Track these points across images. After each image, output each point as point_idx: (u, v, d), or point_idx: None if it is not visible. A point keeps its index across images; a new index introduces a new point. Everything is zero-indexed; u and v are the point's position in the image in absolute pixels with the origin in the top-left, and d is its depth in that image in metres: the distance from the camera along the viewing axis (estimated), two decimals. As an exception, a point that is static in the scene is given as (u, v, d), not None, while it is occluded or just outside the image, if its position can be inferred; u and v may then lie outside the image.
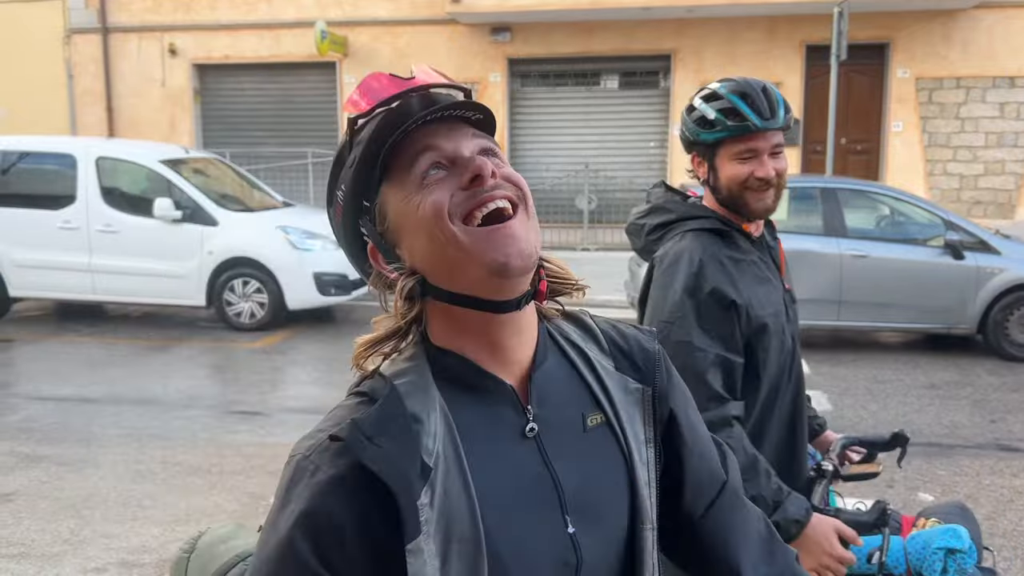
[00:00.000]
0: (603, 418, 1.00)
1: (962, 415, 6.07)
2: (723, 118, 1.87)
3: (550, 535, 0.92)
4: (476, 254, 0.89)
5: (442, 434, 0.89)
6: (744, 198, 1.91)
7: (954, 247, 7.48)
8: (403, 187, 0.94)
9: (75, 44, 15.84)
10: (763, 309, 1.90)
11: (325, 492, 0.86)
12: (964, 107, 13.48)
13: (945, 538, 1.97)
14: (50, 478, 4.96)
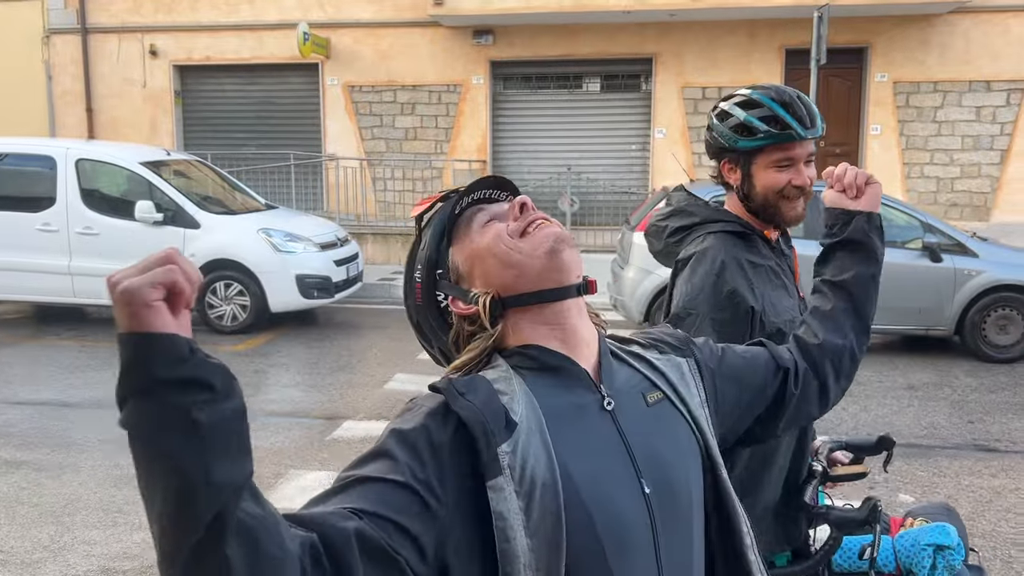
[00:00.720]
0: (662, 395, 1.16)
1: (940, 416, 6.14)
2: (766, 126, 1.88)
3: (630, 494, 1.06)
4: (532, 250, 1.10)
5: (525, 406, 1.04)
6: (779, 206, 1.93)
7: (932, 249, 7.57)
8: (467, 238, 1.15)
9: (54, 45, 15.69)
10: (778, 316, 1.91)
11: (425, 418, 1.01)
12: (941, 111, 13.64)
13: (934, 535, 2.01)
14: (29, 484, 4.91)
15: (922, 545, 2.00)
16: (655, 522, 1.06)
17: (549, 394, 1.06)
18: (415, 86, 14.83)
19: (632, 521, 1.05)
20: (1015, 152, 13.50)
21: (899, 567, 2.02)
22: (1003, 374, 7.22)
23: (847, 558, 2.08)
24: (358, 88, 14.98)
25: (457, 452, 0.99)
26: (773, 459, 1.96)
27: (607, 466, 1.05)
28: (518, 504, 0.98)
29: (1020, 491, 4.79)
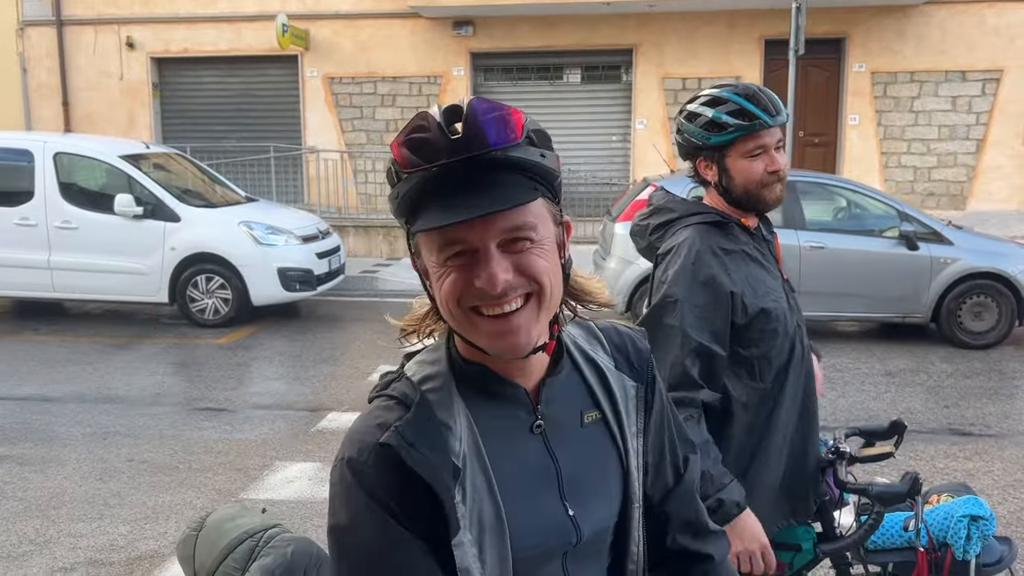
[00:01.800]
0: (599, 415, 1.14)
1: (917, 401, 6.25)
2: (735, 120, 1.95)
3: (554, 516, 1.07)
4: (480, 338, 1.02)
5: (466, 436, 1.03)
6: (759, 193, 2.01)
7: (909, 238, 7.68)
8: (431, 251, 1.02)
9: (29, 37, 15.50)
10: (760, 297, 1.99)
11: (383, 476, 0.99)
12: (918, 100, 13.79)
13: (968, 507, 2.08)
14: (13, 478, 4.90)
15: (957, 517, 2.06)
16: (580, 542, 1.09)
17: (489, 415, 1.06)
18: (395, 78, 14.80)
19: (550, 542, 1.07)
20: (991, 141, 13.68)
21: (932, 541, 2.07)
22: (978, 360, 7.35)
23: (881, 534, 2.13)
24: (338, 80, 14.92)
25: (416, 507, 0.99)
26: (768, 439, 2.02)
27: (534, 487, 1.07)
28: (474, 552, 1.00)
29: (993, 473, 4.90)
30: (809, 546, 2.15)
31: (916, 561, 2.08)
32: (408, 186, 0.99)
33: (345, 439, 1.05)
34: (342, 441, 1.06)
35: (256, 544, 1.83)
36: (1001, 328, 7.69)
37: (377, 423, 1.03)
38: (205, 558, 1.85)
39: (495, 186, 0.97)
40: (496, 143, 0.97)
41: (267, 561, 1.78)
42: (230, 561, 1.82)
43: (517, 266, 0.99)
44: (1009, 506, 4.45)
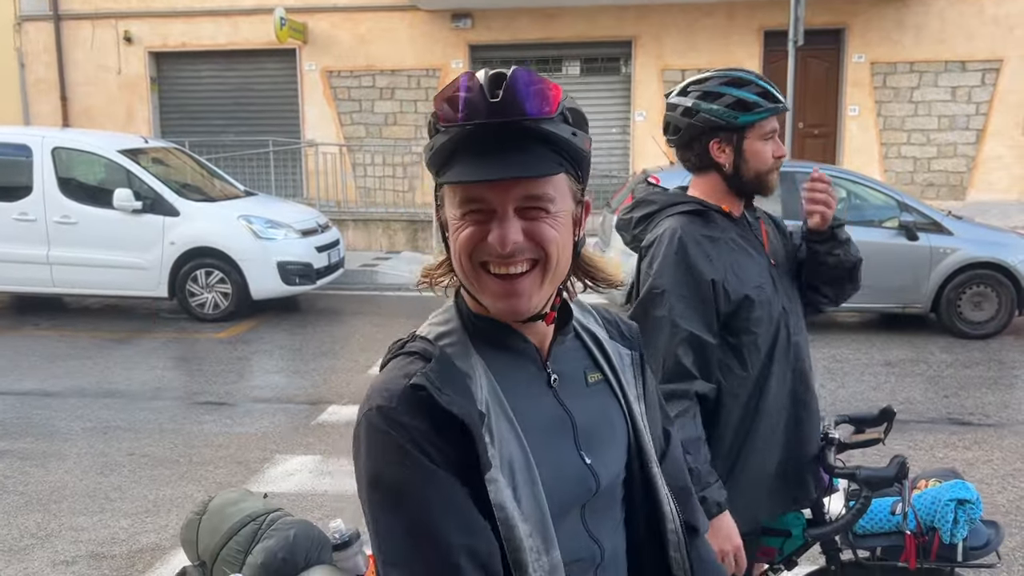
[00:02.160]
0: (601, 376, 1.20)
1: (916, 391, 6.26)
2: (764, 100, 1.97)
3: (574, 465, 1.11)
4: (486, 296, 1.07)
5: (486, 386, 1.07)
6: (768, 179, 2.04)
7: (908, 228, 7.67)
8: (453, 204, 1.06)
9: (26, 32, 15.47)
10: (743, 284, 1.99)
11: (415, 419, 1.01)
12: (917, 91, 13.76)
13: (955, 491, 2.09)
14: (14, 472, 4.91)
15: (944, 501, 2.08)
16: (599, 489, 1.13)
17: (503, 368, 1.10)
18: (394, 71, 14.77)
19: (571, 491, 1.10)
20: (990, 132, 13.66)
21: (919, 525, 2.08)
22: (977, 350, 7.35)
23: (869, 519, 2.14)
24: (336, 73, 14.90)
25: (447, 442, 1.01)
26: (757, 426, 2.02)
27: (554, 435, 1.10)
28: (509, 492, 1.03)
29: (992, 462, 4.91)
30: (799, 532, 2.16)
31: (904, 545, 2.09)
32: (444, 139, 1.04)
33: (369, 392, 1.06)
34: (366, 395, 1.07)
35: (259, 527, 1.87)
36: (1001, 318, 7.69)
37: (402, 373, 1.05)
38: (209, 541, 1.88)
39: (523, 153, 1.01)
40: (531, 113, 1.01)
41: (270, 543, 1.82)
42: (233, 544, 1.85)
43: (528, 232, 1.04)
44: (1008, 495, 4.46)
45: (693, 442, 1.89)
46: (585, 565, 1.12)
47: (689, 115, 2.03)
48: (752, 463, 2.01)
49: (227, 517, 1.91)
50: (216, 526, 1.90)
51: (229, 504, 1.95)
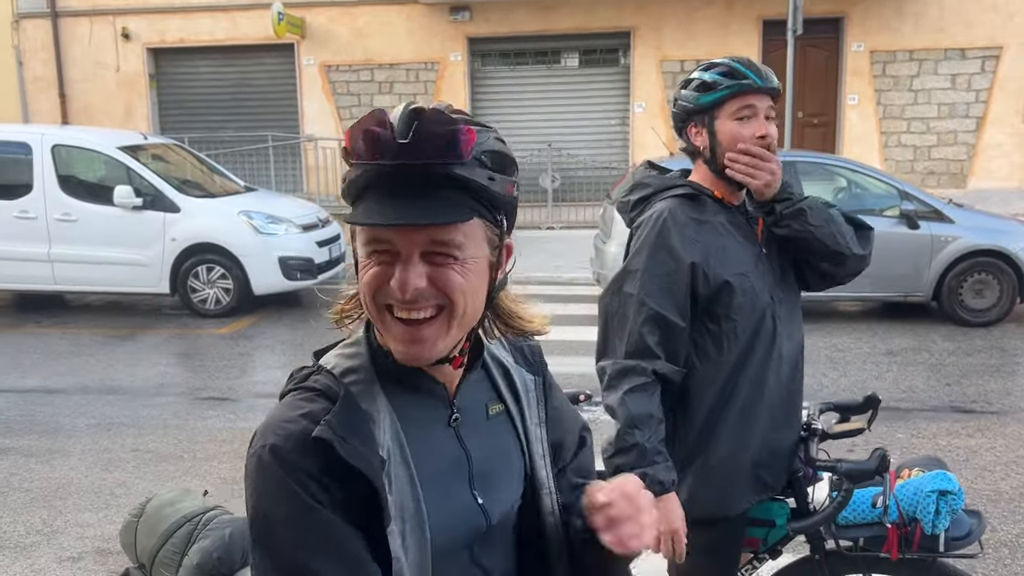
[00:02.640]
0: (502, 408, 1.19)
1: (919, 380, 6.26)
2: (725, 78, 1.96)
3: (465, 505, 1.11)
4: (389, 339, 1.04)
5: (389, 429, 1.05)
6: None
7: (909, 217, 7.67)
8: (361, 242, 1.04)
9: (24, 29, 15.45)
10: (724, 269, 1.98)
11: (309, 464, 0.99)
12: (917, 79, 13.74)
13: (936, 482, 2.09)
14: (19, 470, 4.92)
15: (926, 492, 2.08)
16: (489, 528, 1.13)
17: (408, 406, 1.08)
18: (392, 64, 14.76)
19: (461, 530, 1.10)
20: (990, 119, 13.64)
21: (902, 516, 2.09)
22: (979, 338, 7.35)
23: (852, 510, 2.15)
24: (335, 68, 14.88)
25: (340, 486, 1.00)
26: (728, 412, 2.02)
27: (448, 478, 1.09)
28: (399, 542, 1.02)
29: (995, 450, 4.91)
30: (783, 522, 2.18)
31: (886, 536, 2.10)
32: (354, 175, 1.02)
33: (262, 429, 1.03)
34: (260, 429, 1.03)
35: (195, 527, 1.87)
36: (1002, 305, 7.69)
37: (300, 413, 1.02)
38: (146, 544, 1.89)
39: (431, 198, 0.99)
40: (439, 158, 0.98)
41: (205, 544, 1.82)
42: (169, 546, 1.86)
43: (433, 278, 1.01)
44: (1012, 482, 4.47)
45: (644, 418, 1.91)
46: None
47: (672, 104, 2.09)
48: (724, 449, 2.02)
49: (163, 519, 1.91)
50: (152, 528, 1.91)
51: (166, 505, 1.95)
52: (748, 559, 2.26)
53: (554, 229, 13.99)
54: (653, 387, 1.95)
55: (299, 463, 0.98)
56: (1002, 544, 3.80)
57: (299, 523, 0.98)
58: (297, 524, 0.98)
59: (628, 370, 1.94)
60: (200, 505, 1.97)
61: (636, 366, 1.94)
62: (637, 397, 1.92)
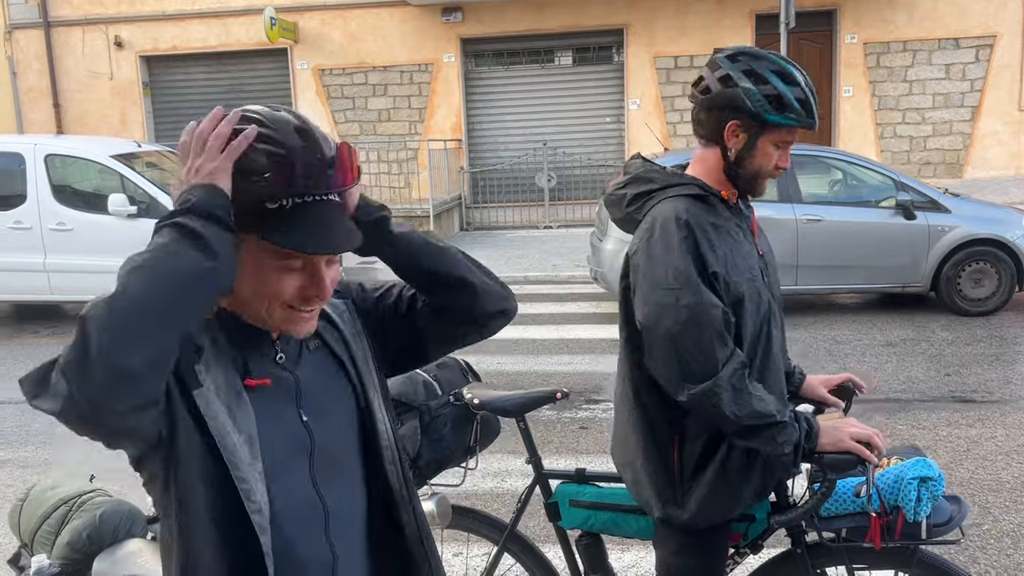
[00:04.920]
0: (318, 341, 1.35)
1: (919, 370, 6.24)
2: (801, 110, 1.89)
3: (290, 421, 1.26)
4: (276, 321, 1.23)
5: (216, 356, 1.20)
6: (760, 183, 1.99)
7: (906, 207, 7.65)
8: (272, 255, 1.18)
9: (17, 40, 15.44)
10: (739, 275, 1.93)
11: None
12: (911, 70, 13.72)
13: (917, 469, 2.08)
14: (14, 481, 4.90)
15: (908, 479, 2.06)
16: (314, 447, 1.27)
17: (244, 350, 1.25)
18: (386, 67, 14.74)
19: (289, 444, 1.25)
20: (985, 109, 13.62)
21: (883, 504, 2.07)
22: (979, 327, 7.33)
23: (833, 501, 2.13)
24: (328, 71, 14.87)
25: None
26: None
27: (280, 404, 1.26)
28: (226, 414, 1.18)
29: (996, 439, 4.89)
30: (763, 516, 2.15)
31: (869, 525, 2.09)
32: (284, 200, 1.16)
33: None
34: None
35: (70, 509, 2.08)
36: (1001, 294, 7.67)
37: None
38: (27, 525, 2.10)
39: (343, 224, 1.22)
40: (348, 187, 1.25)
41: (76, 524, 2.03)
42: (45, 526, 2.06)
43: (333, 278, 1.25)
44: (1013, 471, 4.44)
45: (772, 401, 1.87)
46: (308, 515, 1.26)
47: (724, 83, 1.92)
48: (738, 456, 1.98)
49: (42, 502, 2.10)
50: (32, 511, 2.11)
51: (46, 489, 2.14)
52: (730, 554, 2.24)
53: (551, 228, 13.97)
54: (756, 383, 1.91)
55: None
56: (1004, 534, 3.78)
57: None
58: None
59: (736, 372, 1.84)
60: (78, 488, 2.16)
61: (739, 365, 1.85)
62: (757, 388, 1.87)
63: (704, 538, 2.05)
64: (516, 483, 4.46)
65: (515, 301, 1.49)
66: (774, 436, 1.86)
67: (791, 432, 1.86)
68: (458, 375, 2.44)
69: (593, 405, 5.75)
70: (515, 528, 2.54)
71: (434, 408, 2.29)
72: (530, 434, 2.52)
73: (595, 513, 2.31)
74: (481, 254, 11.99)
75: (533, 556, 2.55)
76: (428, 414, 2.28)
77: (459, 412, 2.34)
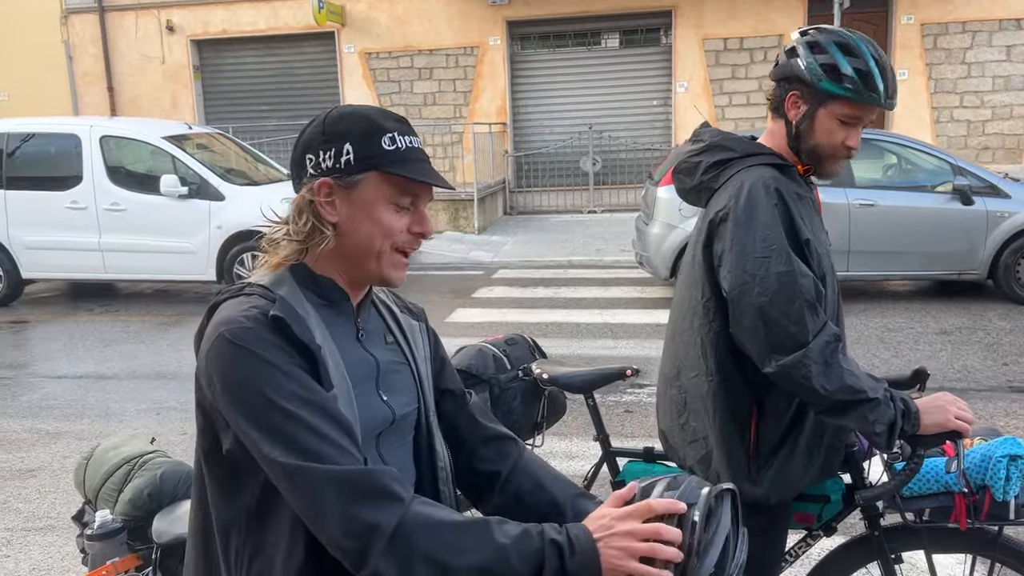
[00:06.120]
0: (394, 339, 1.43)
1: (974, 359, 6.08)
2: (858, 80, 1.83)
3: (375, 401, 1.34)
4: (384, 268, 1.32)
5: (317, 328, 1.27)
6: (825, 161, 1.91)
7: (963, 192, 7.44)
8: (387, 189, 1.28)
9: (73, 25, 15.76)
10: (822, 246, 1.91)
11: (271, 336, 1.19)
12: (970, 52, 13.31)
13: (1006, 447, 2.03)
14: (71, 453, 5.03)
15: (996, 458, 2.01)
16: (395, 419, 1.36)
17: (328, 320, 1.31)
18: (432, 50, 14.74)
19: (373, 420, 1.31)
20: (1048, 91, 13.18)
21: (969, 484, 2.02)
22: (1038, 316, 7.13)
23: (916, 480, 2.08)
24: (375, 55, 14.92)
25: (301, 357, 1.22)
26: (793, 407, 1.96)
27: (363, 379, 1.32)
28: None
29: (1056, 430, 4.75)
30: (838, 497, 2.11)
31: (954, 505, 2.03)
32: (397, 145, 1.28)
33: (216, 324, 1.21)
34: (211, 329, 1.21)
35: (132, 468, 2.18)
36: (1062, 283, 7.44)
37: (249, 306, 1.22)
38: (91, 482, 2.20)
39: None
40: None
41: (138, 482, 2.13)
42: (109, 484, 2.16)
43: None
44: (1073, 463, 4.31)
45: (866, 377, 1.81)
46: None
47: (789, 55, 1.92)
48: (809, 435, 1.96)
49: (106, 461, 2.20)
50: (97, 469, 2.20)
51: (110, 449, 2.26)
52: (802, 537, 2.20)
53: (595, 213, 13.89)
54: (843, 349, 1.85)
55: (266, 337, 1.18)
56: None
57: (283, 386, 1.16)
58: (282, 388, 1.16)
59: (829, 345, 1.79)
60: (140, 449, 2.25)
61: (830, 337, 1.79)
62: (850, 363, 1.82)
63: (769, 518, 2.01)
64: (577, 465, 4.45)
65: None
66: (865, 414, 1.78)
67: (884, 411, 1.79)
68: (526, 352, 2.46)
69: (638, 389, 5.71)
70: None
71: (503, 381, 2.32)
72: (598, 411, 2.49)
73: None
74: (524, 238, 11.98)
75: None
76: (498, 387, 2.31)
77: (528, 387, 2.36)
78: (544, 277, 9.62)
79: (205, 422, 1.24)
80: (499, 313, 7.96)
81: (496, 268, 10.26)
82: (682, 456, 2.11)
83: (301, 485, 1.14)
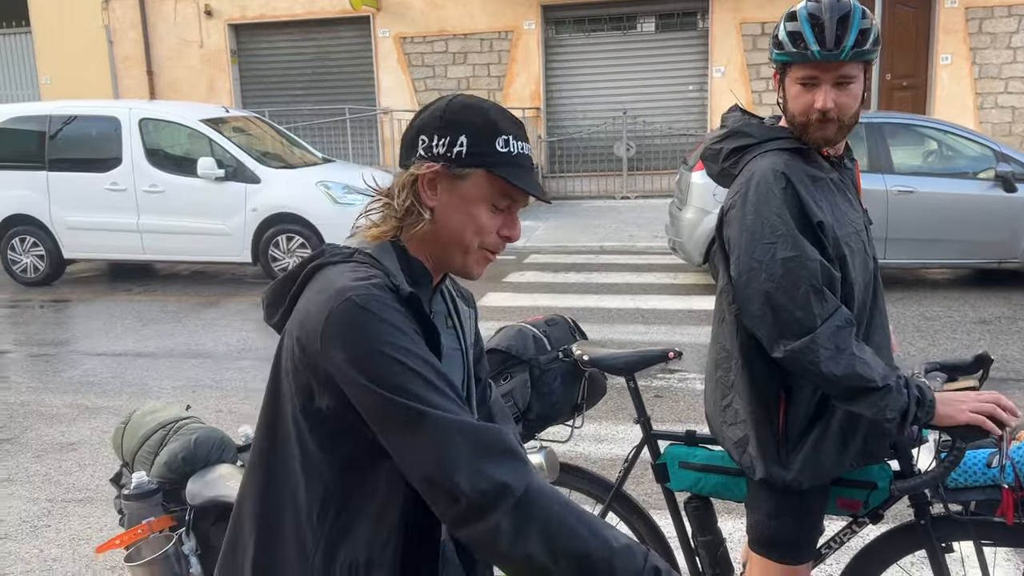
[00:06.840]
0: (452, 324, 1.47)
1: (1014, 349, 5.97)
2: (791, 42, 1.84)
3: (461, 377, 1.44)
4: (469, 263, 1.36)
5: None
6: (810, 131, 1.88)
7: (1006, 179, 7.29)
8: (489, 189, 1.32)
9: (113, 10, 15.97)
10: (843, 228, 1.88)
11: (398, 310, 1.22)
12: (1016, 36, 12.98)
13: None
14: (110, 428, 5.14)
15: None
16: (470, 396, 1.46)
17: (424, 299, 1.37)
18: (466, 35, 14.72)
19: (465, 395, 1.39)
20: (1097, 77, 12.82)
21: (1018, 478, 1.98)
22: (1081, 306, 6.97)
23: (963, 472, 2.04)
24: (409, 39, 14.94)
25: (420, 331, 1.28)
26: None
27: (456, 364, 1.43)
28: None
29: (1097, 422, 4.65)
30: (885, 484, 2.07)
31: (1001, 499, 1.99)
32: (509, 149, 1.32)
33: (337, 289, 1.21)
34: (337, 289, 1.20)
35: (167, 433, 2.24)
36: (1107, 273, 7.26)
37: (366, 274, 1.24)
38: (128, 445, 2.27)
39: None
40: None
41: (173, 446, 2.18)
42: (145, 448, 2.22)
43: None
44: (1114, 455, 4.22)
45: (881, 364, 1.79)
46: None
47: None
48: (841, 417, 1.93)
49: (143, 425, 2.26)
50: (134, 432, 2.26)
51: (147, 414, 2.32)
52: (847, 523, 2.17)
53: (628, 198, 13.82)
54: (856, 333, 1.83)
55: (394, 306, 1.21)
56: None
57: (411, 350, 1.19)
58: (410, 351, 1.19)
59: (839, 330, 1.78)
60: (175, 415, 2.31)
61: (843, 322, 1.78)
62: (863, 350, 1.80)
63: (803, 500, 1.99)
64: (606, 448, 4.45)
65: None
66: (876, 401, 1.77)
67: (896, 398, 1.77)
68: (566, 333, 2.44)
69: (669, 375, 5.69)
70: (621, 488, 2.49)
71: (544, 363, 2.30)
72: (639, 393, 2.47)
73: (705, 476, 2.24)
74: (556, 223, 11.95)
75: (639, 516, 2.50)
76: (538, 367, 2.29)
77: (568, 368, 2.35)
78: (576, 262, 9.60)
79: (297, 382, 1.24)
80: (530, 298, 7.97)
81: (528, 253, 10.26)
82: (722, 438, 2.10)
83: (431, 431, 1.16)
